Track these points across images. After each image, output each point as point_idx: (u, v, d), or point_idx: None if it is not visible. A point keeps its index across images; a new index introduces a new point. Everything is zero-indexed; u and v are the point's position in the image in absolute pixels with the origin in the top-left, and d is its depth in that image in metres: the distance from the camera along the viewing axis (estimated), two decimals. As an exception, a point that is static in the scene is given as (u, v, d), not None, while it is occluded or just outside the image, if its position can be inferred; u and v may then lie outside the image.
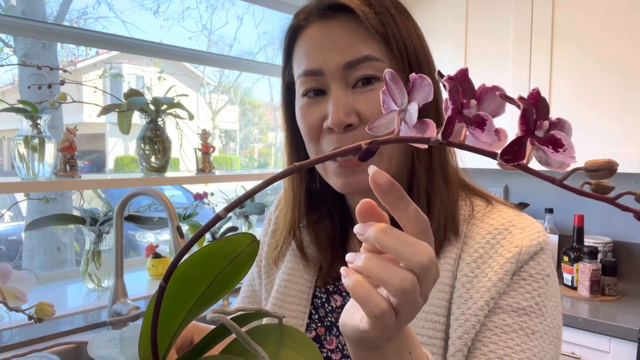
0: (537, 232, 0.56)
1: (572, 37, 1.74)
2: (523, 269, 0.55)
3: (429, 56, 0.60)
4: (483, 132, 0.29)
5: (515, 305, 0.53)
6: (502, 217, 0.59)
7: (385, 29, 0.56)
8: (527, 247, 0.55)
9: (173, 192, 3.14)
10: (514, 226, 0.57)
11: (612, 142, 1.66)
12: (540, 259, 0.55)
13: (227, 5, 2.72)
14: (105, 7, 2.22)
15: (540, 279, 0.54)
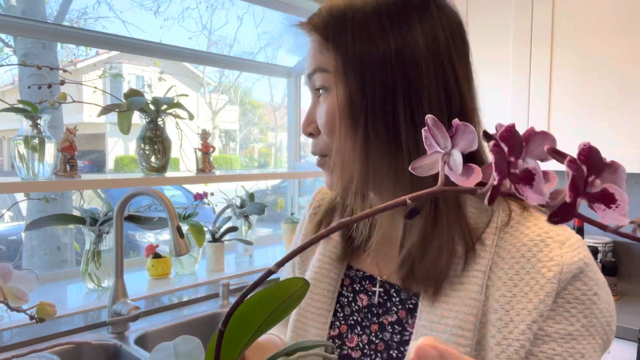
0: (578, 248, 0.52)
1: (572, 40, 1.74)
2: (567, 291, 0.51)
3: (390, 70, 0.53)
4: (532, 188, 0.28)
5: (562, 332, 0.51)
6: (538, 226, 0.54)
7: (336, 40, 0.55)
8: (568, 265, 0.51)
9: (173, 192, 3.14)
10: (551, 238, 0.53)
11: (612, 142, 1.66)
12: (587, 277, 0.51)
13: (227, 5, 2.72)
14: (105, 7, 2.22)
15: (586, 299, 0.51)
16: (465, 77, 0.57)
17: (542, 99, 1.81)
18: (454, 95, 0.55)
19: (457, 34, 0.57)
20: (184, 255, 1.29)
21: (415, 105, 0.53)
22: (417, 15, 0.54)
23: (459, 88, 0.55)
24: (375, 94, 0.53)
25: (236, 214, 1.94)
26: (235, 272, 1.82)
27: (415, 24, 0.54)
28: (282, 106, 2.93)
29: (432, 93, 0.53)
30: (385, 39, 0.53)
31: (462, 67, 0.56)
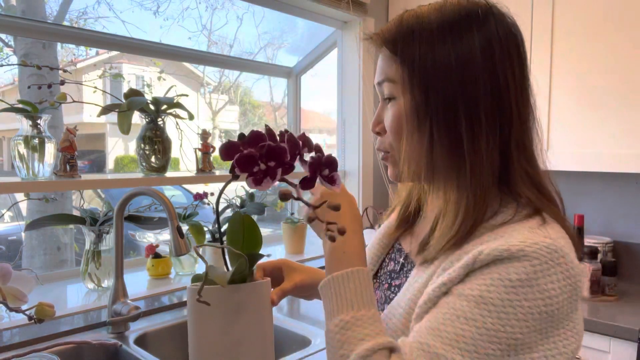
0: (520, 242, 0.56)
1: (572, 38, 1.74)
2: (487, 268, 0.56)
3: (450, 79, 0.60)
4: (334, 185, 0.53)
5: (464, 292, 0.56)
6: (520, 227, 0.59)
7: (403, 56, 0.63)
8: (491, 249, 0.56)
9: (173, 192, 3.14)
10: (498, 238, 0.58)
11: (612, 142, 1.66)
12: (511, 267, 0.55)
13: (227, 5, 2.72)
14: (105, 7, 2.22)
15: (499, 280, 0.55)
16: (521, 86, 0.64)
17: (542, 99, 1.80)
18: (505, 107, 0.61)
19: (514, 46, 0.63)
20: (184, 255, 1.29)
21: (474, 116, 0.60)
22: (476, 29, 0.61)
23: (510, 99, 0.61)
24: (438, 105, 0.61)
25: (236, 214, 1.94)
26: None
27: (474, 38, 0.60)
28: (282, 106, 2.93)
29: (486, 105, 0.60)
30: (447, 55, 0.60)
31: (516, 78, 0.63)
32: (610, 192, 1.95)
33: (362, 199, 2.23)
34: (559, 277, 0.55)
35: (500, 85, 0.61)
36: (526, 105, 0.64)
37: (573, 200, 2.03)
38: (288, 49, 2.74)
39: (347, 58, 2.26)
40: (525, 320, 0.54)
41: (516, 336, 0.54)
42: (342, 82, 2.30)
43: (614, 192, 1.94)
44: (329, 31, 2.31)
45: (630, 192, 1.91)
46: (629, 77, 1.62)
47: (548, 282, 0.54)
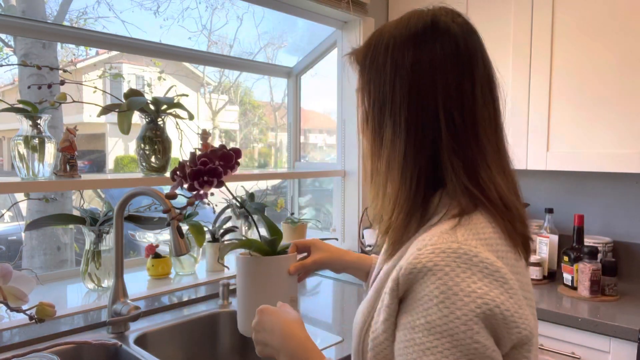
0: (430, 254, 0.57)
1: (572, 38, 1.74)
2: (415, 290, 0.58)
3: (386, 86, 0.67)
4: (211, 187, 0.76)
5: (412, 323, 0.58)
6: (436, 229, 0.61)
7: (364, 66, 0.71)
8: (405, 267, 0.59)
9: (173, 192, 3.13)
10: (423, 240, 0.60)
11: (612, 142, 1.66)
12: (429, 281, 0.56)
13: (227, 5, 2.72)
14: (105, 7, 2.22)
15: (428, 300, 0.56)
16: (461, 96, 0.65)
17: (542, 99, 1.80)
18: (431, 115, 0.64)
19: (451, 61, 0.65)
20: (184, 255, 1.29)
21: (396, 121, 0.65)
22: (414, 44, 0.66)
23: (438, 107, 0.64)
24: (373, 107, 0.69)
25: (236, 214, 1.94)
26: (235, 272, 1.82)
27: (410, 51, 0.65)
28: (282, 106, 2.93)
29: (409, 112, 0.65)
30: (386, 69, 0.67)
31: (451, 91, 0.64)
32: (610, 192, 1.95)
33: (362, 199, 2.23)
34: (478, 276, 0.56)
35: (463, 92, 0.64)
36: (470, 114, 0.64)
37: (573, 200, 2.03)
38: (288, 49, 2.74)
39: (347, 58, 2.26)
40: (470, 329, 0.54)
41: (473, 346, 0.54)
42: (342, 82, 2.30)
43: (614, 192, 1.94)
44: (329, 31, 2.31)
45: (630, 192, 1.91)
46: (629, 77, 1.62)
47: (470, 283, 0.55)
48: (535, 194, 2.13)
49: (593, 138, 1.71)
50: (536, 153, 1.83)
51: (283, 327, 0.74)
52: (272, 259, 0.87)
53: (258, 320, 0.77)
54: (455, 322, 0.54)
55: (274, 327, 0.74)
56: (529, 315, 0.58)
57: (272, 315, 0.76)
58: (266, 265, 0.85)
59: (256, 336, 0.76)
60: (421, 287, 0.57)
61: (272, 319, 0.75)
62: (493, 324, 0.55)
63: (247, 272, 0.86)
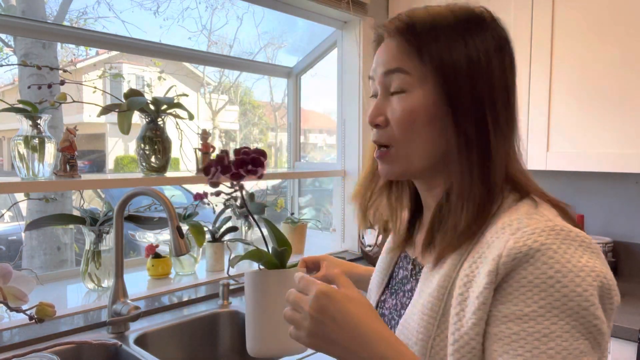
0: (532, 234, 0.54)
1: (572, 38, 1.74)
2: (520, 275, 0.54)
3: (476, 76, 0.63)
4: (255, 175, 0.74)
5: (518, 313, 0.53)
6: (511, 214, 0.59)
7: (421, 48, 0.63)
8: (508, 250, 0.55)
9: (173, 192, 3.14)
10: (510, 225, 0.57)
11: (612, 142, 1.66)
12: (539, 262, 0.53)
13: (227, 6, 2.72)
14: (105, 7, 2.22)
15: (541, 282, 0.53)
16: (513, 83, 0.66)
17: (542, 99, 1.80)
18: (511, 108, 0.65)
19: (511, 50, 0.67)
20: (184, 255, 1.29)
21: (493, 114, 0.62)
22: (489, 31, 0.66)
23: (514, 101, 0.65)
24: (462, 102, 0.62)
25: (236, 214, 1.94)
26: (235, 272, 1.82)
27: (488, 40, 0.65)
28: (282, 106, 2.93)
29: (501, 105, 0.63)
30: (467, 54, 0.62)
31: (514, 80, 0.66)
32: (610, 192, 1.95)
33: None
34: (582, 251, 0.54)
35: (508, 87, 0.65)
36: (511, 110, 0.66)
37: (573, 200, 2.03)
38: (288, 49, 2.74)
39: (347, 58, 2.26)
40: (592, 304, 0.52)
41: (594, 322, 0.52)
42: (342, 82, 2.30)
43: (614, 192, 1.94)
44: (329, 31, 2.31)
45: (630, 192, 1.91)
46: (629, 77, 1.62)
47: (579, 258, 0.53)
48: (535, 194, 2.13)
49: (593, 138, 1.71)
50: (536, 153, 1.83)
51: (363, 320, 0.56)
52: (281, 273, 0.79)
53: (320, 305, 0.56)
54: (577, 299, 0.51)
55: (350, 320, 0.56)
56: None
57: (343, 302, 0.57)
58: (274, 279, 0.78)
59: (314, 327, 0.57)
60: (528, 270, 0.53)
61: (343, 308, 0.56)
62: (602, 297, 0.54)
63: (255, 286, 0.78)
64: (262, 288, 0.78)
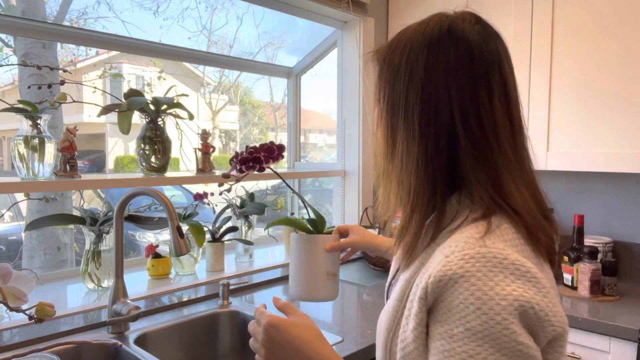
0: (460, 260, 0.56)
1: (572, 37, 1.74)
2: (447, 298, 0.56)
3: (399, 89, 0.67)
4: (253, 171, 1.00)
5: (449, 332, 0.56)
6: (455, 236, 0.61)
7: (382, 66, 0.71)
8: (437, 271, 0.57)
9: (173, 192, 3.14)
10: (450, 246, 0.59)
11: (612, 142, 1.66)
12: (462, 288, 0.55)
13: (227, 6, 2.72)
14: (105, 7, 2.22)
15: (464, 307, 0.55)
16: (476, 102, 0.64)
17: (542, 99, 1.80)
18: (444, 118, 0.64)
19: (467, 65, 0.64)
20: (184, 255, 1.29)
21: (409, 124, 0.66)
22: (429, 50, 0.65)
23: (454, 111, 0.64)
24: (387, 110, 0.69)
25: (236, 214, 1.94)
26: (235, 272, 1.82)
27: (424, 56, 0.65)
28: (282, 106, 2.93)
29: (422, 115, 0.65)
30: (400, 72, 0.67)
31: (465, 96, 0.64)
32: (610, 192, 1.95)
33: (362, 199, 2.23)
34: (511, 278, 0.55)
35: (440, 102, 0.64)
36: (489, 121, 0.64)
37: (573, 200, 2.03)
38: (288, 49, 2.73)
39: (347, 58, 2.26)
40: (512, 332, 0.54)
41: (517, 347, 0.54)
42: (342, 82, 2.30)
43: (614, 192, 1.94)
44: (329, 31, 2.31)
45: (630, 192, 1.91)
46: (629, 77, 1.62)
47: (504, 286, 0.54)
48: (535, 194, 2.13)
49: (593, 138, 1.71)
50: (536, 153, 1.82)
51: (307, 345, 0.67)
52: (315, 237, 1.01)
53: (268, 335, 0.68)
54: (496, 327, 0.53)
55: (297, 346, 0.67)
56: (562, 312, 0.58)
57: (285, 332, 0.68)
58: (310, 242, 1.00)
59: (269, 355, 0.68)
60: (453, 295, 0.56)
61: (284, 336, 0.68)
62: (530, 324, 0.55)
63: (294, 246, 1.02)
64: (304, 247, 1.00)
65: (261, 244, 2.32)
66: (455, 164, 0.64)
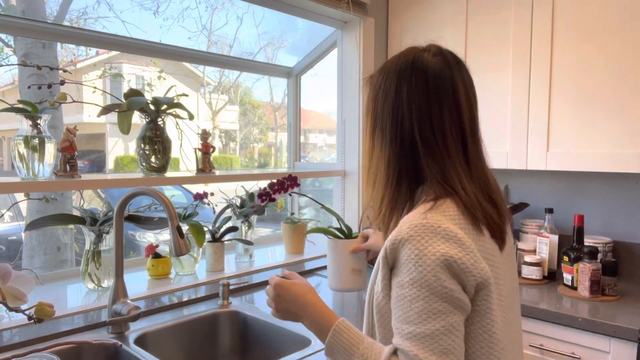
0: (407, 229, 0.77)
1: (572, 37, 1.74)
2: (400, 255, 0.77)
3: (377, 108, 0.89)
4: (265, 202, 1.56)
5: (398, 282, 0.77)
6: (413, 211, 0.82)
7: (370, 88, 0.92)
8: (392, 238, 0.79)
9: (173, 192, 3.14)
10: (404, 220, 0.80)
11: (612, 142, 1.66)
12: (408, 248, 0.76)
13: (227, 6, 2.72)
14: (105, 7, 2.22)
15: (409, 261, 0.75)
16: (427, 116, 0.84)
17: (542, 99, 1.80)
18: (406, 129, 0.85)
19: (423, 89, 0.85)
20: (184, 255, 1.29)
21: (382, 135, 0.88)
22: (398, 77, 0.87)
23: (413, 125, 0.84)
24: (368, 124, 0.91)
25: (236, 214, 1.94)
26: (235, 272, 1.82)
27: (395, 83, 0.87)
28: (282, 106, 2.93)
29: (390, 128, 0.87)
30: (379, 94, 0.89)
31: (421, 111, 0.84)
32: (610, 192, 1.95)
33: (362, 199, 2.23)
34: (441, 240, 0.75)
35: (404, 116, 0.85)
36: (439, 131, 0.83)
37: (573, 200, 2.03)
38: (288, 49, 2.74)
39: (347, 58, 2.26)
40: (438, 278, 0.73)
41: (444, 290, 0.73)
42: (342, 82, 2.30)
43: (614, 192, 1.94)
44: (329, 31, 2.31)
45: (630, 192, 1.91)
46: (628, 77, 1.62)
47: (435, 246, 0.74)
48: (535, 194, 2.13)
49: (593, 138, 1.71)
50: (536, 153, 1.83)
51: (301, 297, 0.91)
52: (342, 241, 1.27)
53: (277, 293, 0.93)
54: (428, 275, 0.73)
55: (294, 298, 0.91)
56: (484, 267, 0.76)
57: (289, 289, 0.93)
58: (337, 245, 1.26)
59: (277, 305, 0.93)
60: (402, 252, 0.77)
61: (289, 292, 0.92)
62: (456, 273, 0.74)
63: (328, 249, 1.29)
64: (334, 249, 1.27)
65: (261, 243, 2.32)
66: (418, 164, 0.84)
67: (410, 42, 0.94)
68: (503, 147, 1.92)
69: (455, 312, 0.74)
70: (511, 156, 1.90)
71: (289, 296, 0.92)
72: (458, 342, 0.73)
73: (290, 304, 0.91)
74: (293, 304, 0.91)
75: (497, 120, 1.93)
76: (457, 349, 0.73)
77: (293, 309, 0.91)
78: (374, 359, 0.77)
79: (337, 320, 0.84)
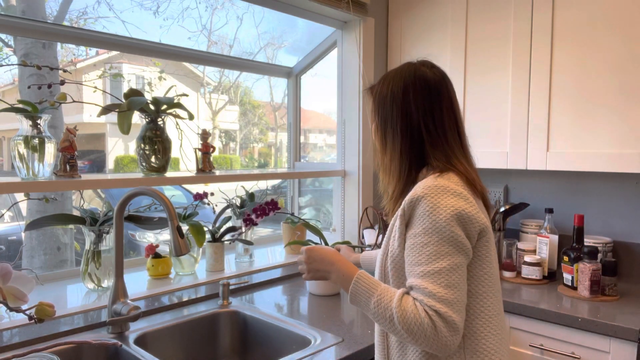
0: (422, 189, 0.93)
1: (572, 38, 1.74)
2: (415, 210, 0.93)
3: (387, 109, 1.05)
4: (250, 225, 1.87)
5: (412, 232, 0.93)
6: (423, 181, 0.97)
7: (375, 96, 1.09)
8: (409, 197, 0.95)
9: (173, 192, 3.14)
10: (417, 186, 0.96)
11: (612, 142, 1.66)
12: (424, 203, 0.92)
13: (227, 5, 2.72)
14: (105, 7, 2.22)
15: (424, 214, 0.91)
16: (430, 114, 1.02)
17: (542, 99, 1.80)
18: (415, 125, 1.03)
19: (423, 91, 1.03)
20: (184, 255, 1.29)
21: (394, 130, 1.04)
22: (404, 84, 1.04)
23: (419, 121, 1.02)
24: (379, 124, 1.07)
25: (236, 214, 1.94)
26: (235, 272, 1.82)
27: (402, 88, 1.04)
28: (282, 106, 2.93)
29: (401, 124, 1.03)
30: (387, 98, 1.06)
31: (426, 110, 1.02)
32: (610, 192, 1.95)
33: (362, 199, 2.23)
34: (450, 196, 0.92)
35: (412, 114, 1.02)
36: (440, 125, 1.02)
37: (573, 200, 2.04)
38: (288, 49, 2.73)
39: (347, 58, 2.26)
40: (449, 225, 0.89)
41: (452, 236, 0.89)
42: (342, 82, 2.30)
43: (614, 192, 1.94)
44: (329, 31, 2.31)
45: (630, 192, 1.91)
46: (628, 77, 1.62)
47: (446, 200, 0.91)
48: (535, 194, 2.13)
49: (593, 138, 1.71)
50: (536, 153, 1.83)
51: (329, 256, 1.08)
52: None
53: (308, 255, 1.10)
54: (440, 222, 0.90)
55: (322, 257, 1.08)
56: (483, 217, 0.95)
57: (318, 250, 1.10)
58: None
59: (309, 266, 1.10)
60: (418, 208, 0.93)
61: (318, 253, 1.10)
62: (462, 221, 0.91)
63: None
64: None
65: (261, 243, 2.32)
66: (424, 151, 1.02)
67: (410, 42, 0.98)
68: (503, 147, 1.92)
69: (459, 255, 0.90)
70: (511, 156, 1.90)
71: (319, 256, 1.09)
72: (461, 280, 0.89)
73: (319, 263, 1.08)
74: (321, 263, 1.08)
75: (497, 121, 1.93)
76: (461, 285, 0.88)
77: (322, 266, 1.07)
78: (389, 298, 0.91)
79: (358, 272, 0.99)
